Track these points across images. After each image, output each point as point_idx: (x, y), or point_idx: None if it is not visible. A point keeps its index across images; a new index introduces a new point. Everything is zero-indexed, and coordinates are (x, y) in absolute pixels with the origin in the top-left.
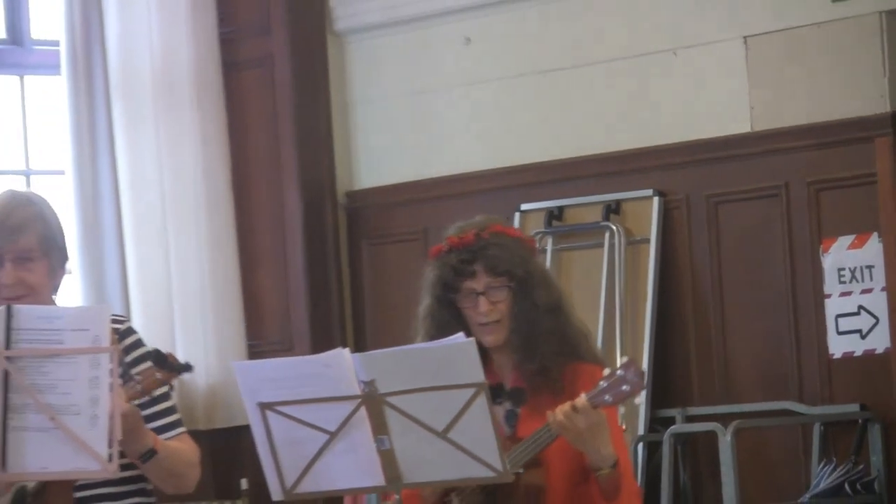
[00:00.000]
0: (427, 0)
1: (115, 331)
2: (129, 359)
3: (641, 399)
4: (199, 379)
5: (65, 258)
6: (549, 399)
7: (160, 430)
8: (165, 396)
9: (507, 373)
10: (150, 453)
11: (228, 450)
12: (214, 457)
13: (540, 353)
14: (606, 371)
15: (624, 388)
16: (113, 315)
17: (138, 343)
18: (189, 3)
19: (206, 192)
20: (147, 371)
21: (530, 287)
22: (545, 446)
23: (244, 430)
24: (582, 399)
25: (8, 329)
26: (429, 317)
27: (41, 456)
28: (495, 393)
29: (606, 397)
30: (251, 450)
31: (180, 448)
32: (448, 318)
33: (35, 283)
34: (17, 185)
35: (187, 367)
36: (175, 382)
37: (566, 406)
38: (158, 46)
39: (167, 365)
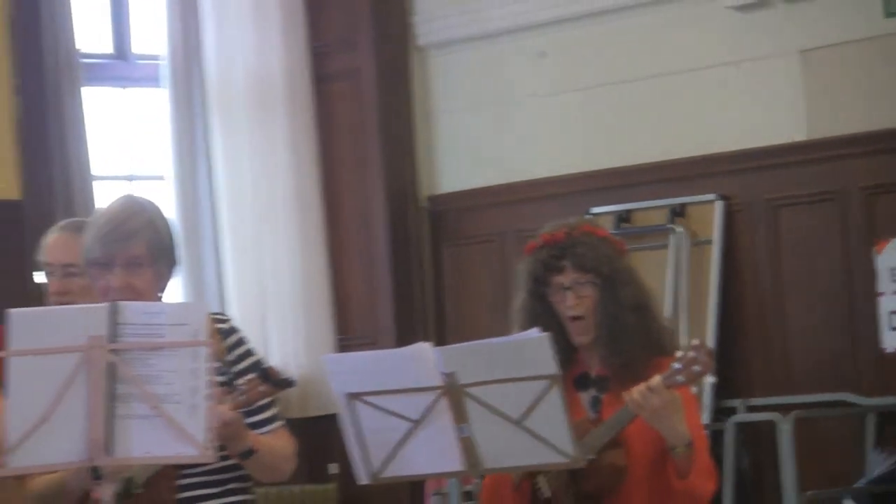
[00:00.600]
0: (504, 17)
1: (219, 329)
2: (231, 356)
3: (708, 383)
4: (292, 371)
5: (173, 263)
6: (630, 387)
7: (260, 425)
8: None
9: (593, 363)
10: (250, 452)
11: (319, 437)
12: (306, 443)
13: (625, 349)
14: (679, 353)
15: (695, 368)
16: (216, 314)
17: (241, 341)
18: (282, 19)
19: (298, 197)
20: (251, 383)
21: (616, 284)
22: (624, 427)
23: (334, 419)
24: (657, 379)
25: (114, 324)
26: (523, 309)
27: (144, 442)
28: (581, 381)
29: (679, 377)
30: (340, 437)
31: (277, 445)
32: (540, 311)
33: (142, 289)
34: (122, 189)
35: (289, 383)
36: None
37: (642, 386)
38: (253, 60)
39: (270, 380)
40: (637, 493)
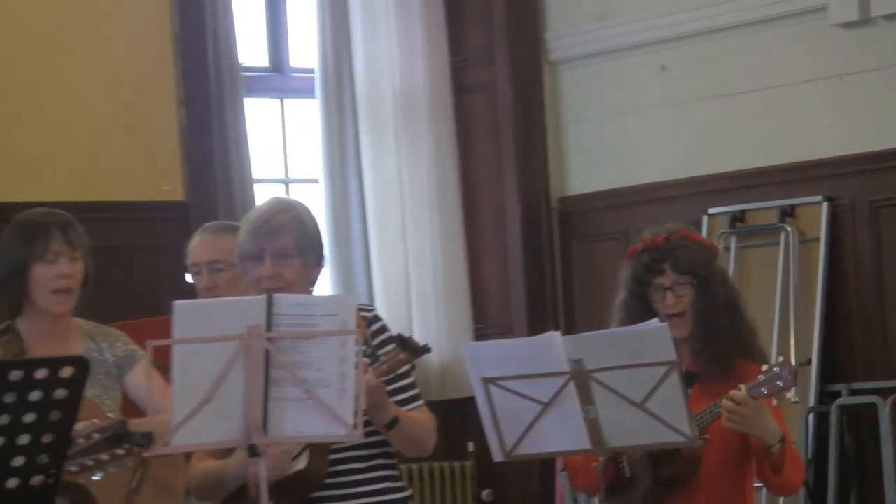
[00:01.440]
0: (628, 33)
1: (364, 318)
2: (375, 342)
3: (792, 394)
4: (433, 357)
5: (320, 258)
6: (717, 385)
7: (403, 403)
8: (407, 374)
9: (684, 359)
10: (394, 422)
11: (457, 417)
12: (445, 423)
13: (716, 345)
14: (764, 367)
15: (778, 383)
16: (362, 305)
17: (383, 329)
18: (425, 35)
19: (439, 198)
20: (392, 353)
21: (711, 285)
22: (708, 424)
23: (470, 401)
24: (742, 391)
25: (269, 314)
26: (623, 307)
27: (297, 422)
28: None
29: (763, 390)
30: (476, 418)
31: (419, 418)
32: (638, 310)
33: (290, 279)
34: (279, 192)
35: (426, 349)
36: (415, 362)
37: (729, 404)
38: (399, 73)
39: (409, 347)
40: (707, 487)
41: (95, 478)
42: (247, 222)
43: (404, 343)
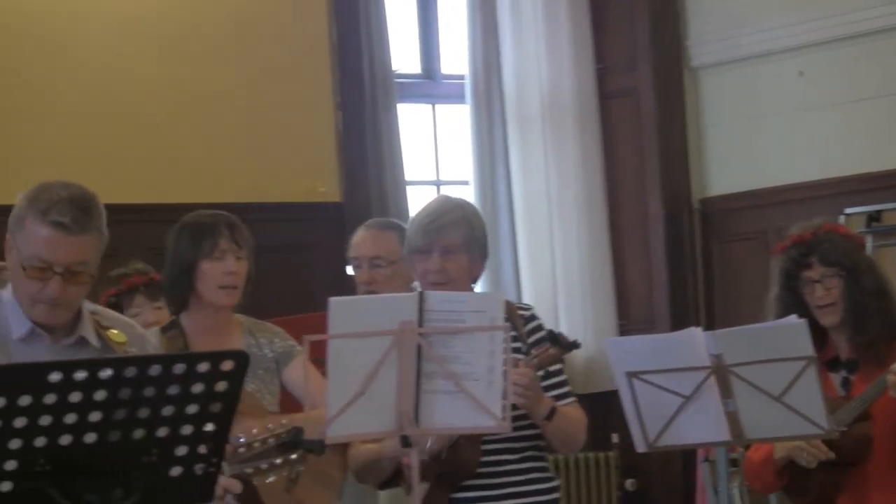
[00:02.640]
0: (766, 40)
1: (521, 316)
2: (531, 340)
3: None
4: (579, 352)
5: (484, 255)
6: (875, 369)
7: (555, 399)
8: (559, 371)
9: (842, 347)
10: (551, 414)
11: (602, 410)
12: (591, 415)
13: (869, 331)
14: None
15: None
16: (520, 304)
17: (539, 328)
18: (571, 43)
19: (585, 199)
20: (543, 348)
21: (858, 275)
22: (872, 401)
23: (614, 394)
24: None
25: (421, 311)
26: (776, 301)
27: (447, 414)
28: (833, 363)
29: None
30: (620, 410)
31: (573, 414)
32: (791, 302)
33: (455, 274)
34: (430, 194)
35: (575, 345)
36: (564, 358)
37: (893, 377)
38: (546, 79)
39: (559, 343)
40: (884, 460)
41: (269, 480)
42: (417, 219)
43: (555, 339)
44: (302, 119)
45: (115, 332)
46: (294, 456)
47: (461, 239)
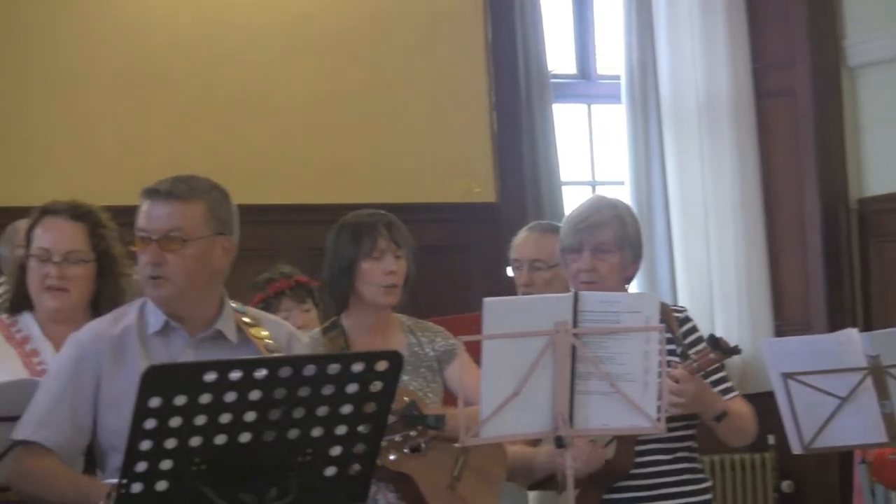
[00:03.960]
0: None
1: (676, 318)
2: (686, 341)
3: None
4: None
5: (637, 256)
6: None
7: (721, 395)
8: (720, 368)
9: None
10: (722, 415)
11: (758, 411)
12: None
13: None
14: None
15: None
16: (674, 306)
17: (694, 329)
18: (727, 42)
19: (741, 199)
20: (702, 352)
21: None
22: None
23: (770, 396)
24: None
25: (576, 311)
26: None
27: (602, 415)
28: None
29: None
30: (775, 411)
31: (742, 409)
32: None
33: (606, 273)
34: (586, 193)
35: (736, 351)
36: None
37: None
38: (702, 79)
39: (719, 348)
40: None
41: (392, 457)
42: (570, 218)
43: (715, 343)
44: (457, 120)
45: (259, 329)
46: (413, 433)
47: (613, 238)
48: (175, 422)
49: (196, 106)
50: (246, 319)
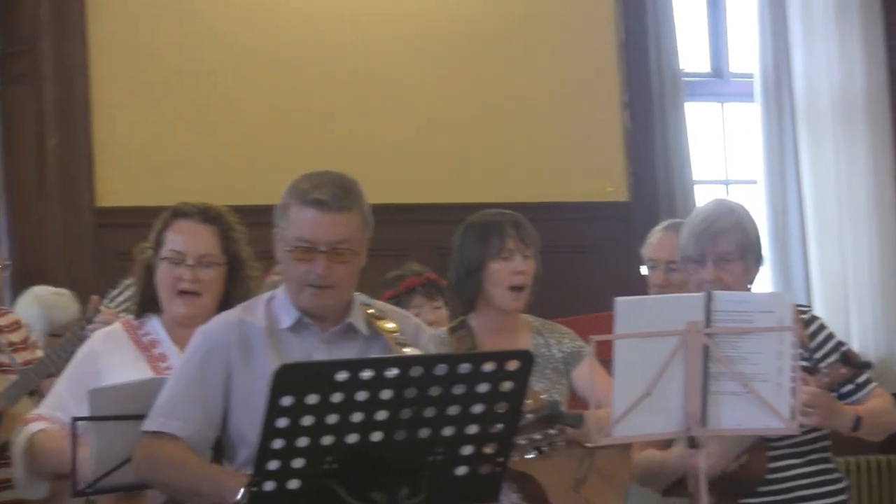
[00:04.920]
0: None
1: (801, 319)
2: (813, 344)
3: None
4: (868, 353)
5: (759, 260)
6: None
7: (857, 391)
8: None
9: None
10: (857, 423)
11: None
12: None
13: None
14: None
15: None
16: (799, 305)
17: (820, 329)
18: (863, 40)
19: (877, 198)
20: (834, 366)
21: None
22: None
23: None
24: None
25: (708, 311)
26: None
27: (734, 416)
28: None
29: None
30: None
31: (879, 405)
32: None
33: (730, 283)
34: (718, 193)
35: (867, 366)
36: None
37: None
38: (837, 76)
39: (850, 363)
40: None
41: (529, 456)
42: (689, 225)
43: (846, 359)
44: (589, 118)
45: (387, 321)
46: (553, 431)
47: (735, 246)
48: (307, 420)
49: (327, 105)
50: (372, 312)
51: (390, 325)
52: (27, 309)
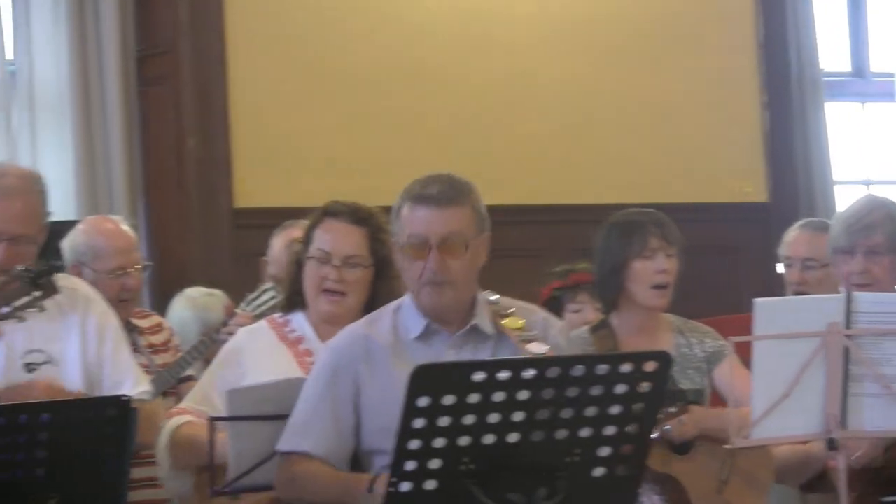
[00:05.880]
0: None
1: None
2: None
3: None
4: None
5: None
6: None
7: None
8: None
9: None
10: None
11: None
12: None
13: None
14: None
15: None
16: None
17: None
18: None
19: None
20: None
21: None
22: None
23: None
24: None
25: (848, 312)
26: None
27: (876, 418)
28: None
29: None
30: None
31: None
32: None
33: (880, 275)
34: (860, 192)
35: None
36: None
37: None
38: None
39: None
40: None
41: (659, 459)
42: (840, 218)
43: None
44: (728, 119)
45: (512, 319)
46: (673, 408)
47: (886, 240)
48: (444, 421)
49: (468, 107)
50: (498, 310)
51: (517, 324)
52: (181, 312)
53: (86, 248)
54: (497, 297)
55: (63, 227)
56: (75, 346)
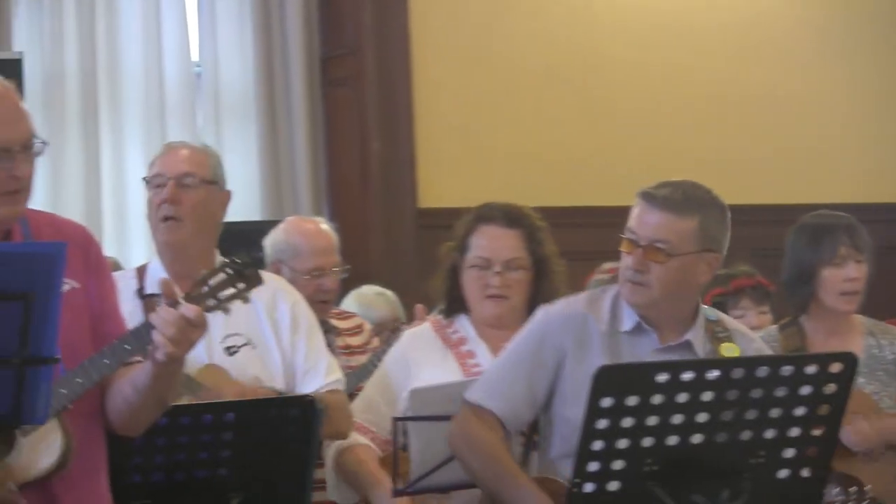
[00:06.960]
0: None
1: None
2: None
3: None
4: None
5: None
6: None
7: None
8: None
9: None
10: None
11: None
12: None
13: None
14: None
15: None
16: None
17: None
18: None
19: None
20: None
21: None
22: None
23: None
24: None
25: None
26: None
27: None
28: None
29: None
30: None
31: None
32: None
33: None
34: None
35: None
36: None
37: None
38: None
39: None
40: None
41: (839, 459)
42: None
43: None
44: None
45: (728, 345)
46: None
47: None
48: (627, 422)
49: (656, 109)
50: (717, 332)
51: (734, 352)
52: (346, 306)
53: (285, 245)
54: (717, 315)
55: (251, 228)
56: (268, 331)
